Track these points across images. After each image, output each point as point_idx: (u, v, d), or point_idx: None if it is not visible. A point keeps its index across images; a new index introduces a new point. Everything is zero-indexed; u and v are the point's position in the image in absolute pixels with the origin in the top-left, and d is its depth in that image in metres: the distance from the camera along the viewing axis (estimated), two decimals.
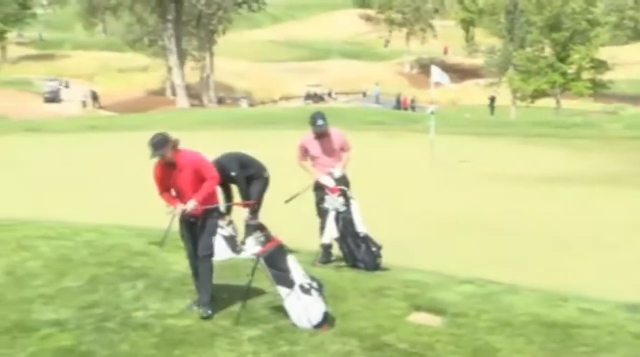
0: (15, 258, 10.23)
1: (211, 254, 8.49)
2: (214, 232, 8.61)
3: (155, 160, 8.31)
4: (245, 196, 11.36)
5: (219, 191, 11.32)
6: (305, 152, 11.21)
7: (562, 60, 64.06)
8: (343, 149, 11.27)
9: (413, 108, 71.20)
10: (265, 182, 11.65)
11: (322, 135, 11.11)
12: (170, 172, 8.32)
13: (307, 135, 11.27)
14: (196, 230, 8.43)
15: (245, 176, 11.43)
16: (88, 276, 9.53)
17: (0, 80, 79.64)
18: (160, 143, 8.16)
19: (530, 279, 10.74)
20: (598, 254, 13.33)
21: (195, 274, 8.52)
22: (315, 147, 11.12)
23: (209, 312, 8.28)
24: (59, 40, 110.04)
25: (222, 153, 11.61)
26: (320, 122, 11.02)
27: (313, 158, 11.15)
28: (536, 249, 13.67)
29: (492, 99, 68.81)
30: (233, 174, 11.22)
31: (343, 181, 11.06)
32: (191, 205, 8.23)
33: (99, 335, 7.80)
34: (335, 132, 11.29)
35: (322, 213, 10.88)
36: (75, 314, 8.32)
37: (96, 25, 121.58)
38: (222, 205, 9.53)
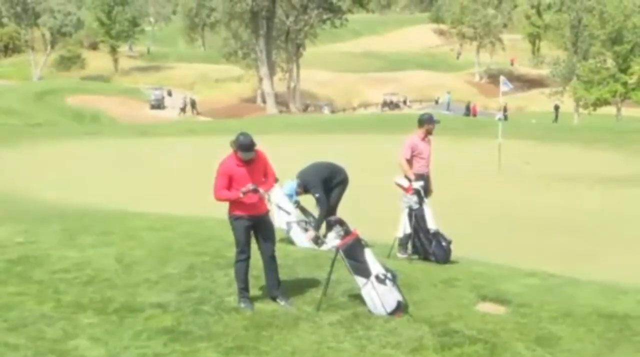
0: (123, 247, 10.46)
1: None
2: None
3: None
4: (324, 208, 11.21)
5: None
6: (412, 152, 11.26)
7: (623, 71, 62.54)
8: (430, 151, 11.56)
9: (505, 117, 66.72)
10: (345, 185, 11.66)
11: (429, 135, 11.33)
12: (243, 167, 8.08)
13: (415, 136, 11.40)
14: (259, 232, 8.30)
15: (330, 187, 11.41)
16: (187, 263, 9.67)
17: (113, 89, 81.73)
18: (253, 142, 8.03)
19: (591, 272, 10.50)
20: None
21: (247, 272, 8.25)
22: (423, 146, 11.29)
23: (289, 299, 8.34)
24: (164, 53, 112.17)
25: (307, 167, 11.55)
26: (436, 118, 11.37)
27: (419, 155, 11.24)
28: (596, 245, 13.36)
29: (557, 108, 67.14)
30: (317, 195, 11.24)
31: (428, 183, 11.25)
32: (263, 191, 8.11)
33: (196, 317, 7.91)
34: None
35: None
36: (175, 298, 8.46)
37: (196, 40, 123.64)
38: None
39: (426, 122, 11.35)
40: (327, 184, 11.34)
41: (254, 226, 8.26)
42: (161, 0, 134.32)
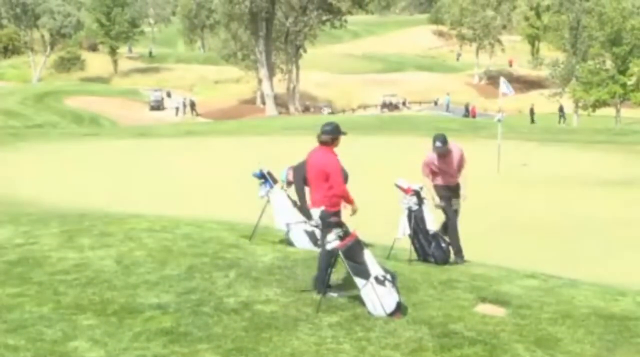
0: (123, 248, 10.45)
1: None
2: None
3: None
4: (297, 194, 11.35)
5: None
6: (428, 169, 11.13)
7: (622, 72, 62.55)
8: (460, 165, 11.30)
9: (533, 120, 65.20)
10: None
11: (440, 157, 11.05)
12: None
13: (431, 154, 11.14)
14: None
15: None
16: (186, 265, 9.66)
17: (113, 91, 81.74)
18: None
19: (591, 274, 10.50)
20: None
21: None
22: (439, 162, 11.07)
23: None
24: (163, 54, 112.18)
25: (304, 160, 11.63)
26: (438, 144, 10.95)
27: (435, 173, 11.11)
28: (595, 246, 13.35)
29: (561, 109, 66.38)
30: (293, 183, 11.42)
31: (457, 191, 11.29)
32: None
33: (195, 318, 7.91)
34: (456, 150, 11.26)
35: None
36: (174, 299, 8.45)
37: (196, 41, 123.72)
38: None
39: (432, 143, 11.08)
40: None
41: None
42: (160, 1, 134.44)
